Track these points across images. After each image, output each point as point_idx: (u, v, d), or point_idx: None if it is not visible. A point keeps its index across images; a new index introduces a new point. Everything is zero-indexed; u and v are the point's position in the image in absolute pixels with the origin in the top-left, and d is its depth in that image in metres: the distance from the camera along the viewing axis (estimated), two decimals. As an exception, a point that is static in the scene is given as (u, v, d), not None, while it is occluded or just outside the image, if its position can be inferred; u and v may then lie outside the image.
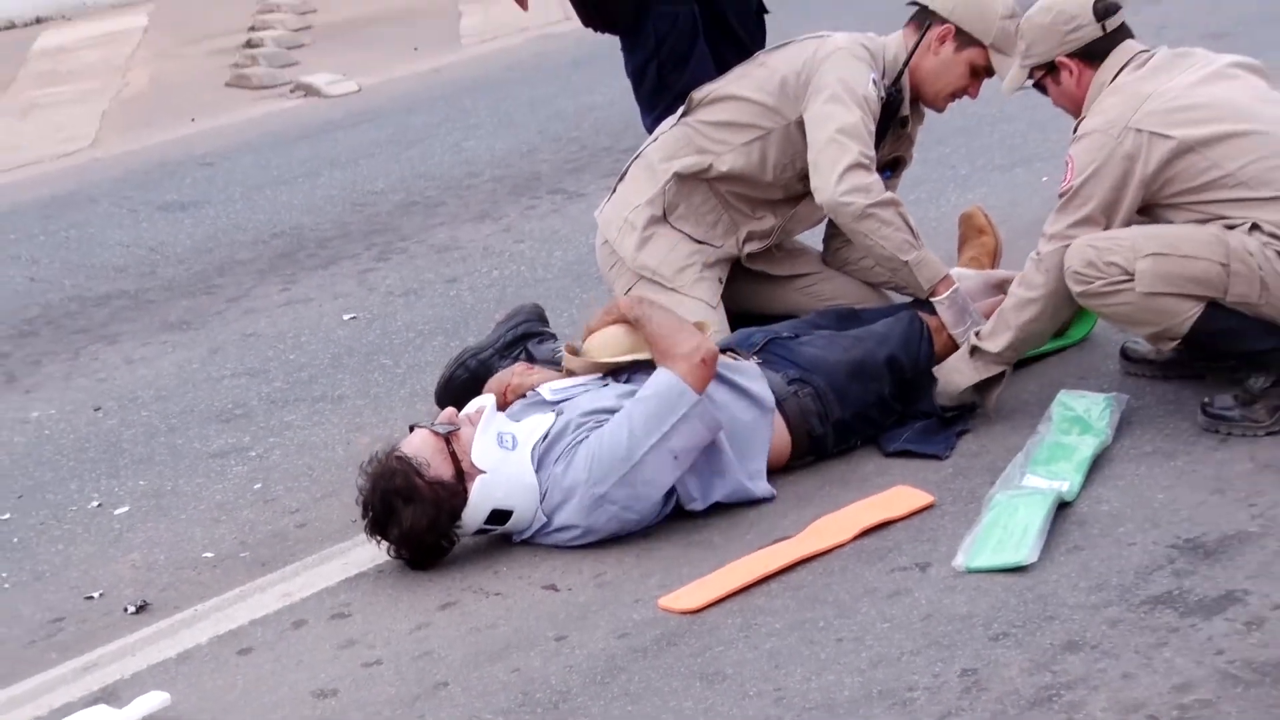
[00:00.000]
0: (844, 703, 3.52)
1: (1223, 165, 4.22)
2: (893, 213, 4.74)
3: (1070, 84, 4.46)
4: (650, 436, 4.12)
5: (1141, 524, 4.04)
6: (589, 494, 4.15)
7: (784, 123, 4.91)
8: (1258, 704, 3.34)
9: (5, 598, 4.39)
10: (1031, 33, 4.50)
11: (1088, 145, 4.28)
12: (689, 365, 4.16)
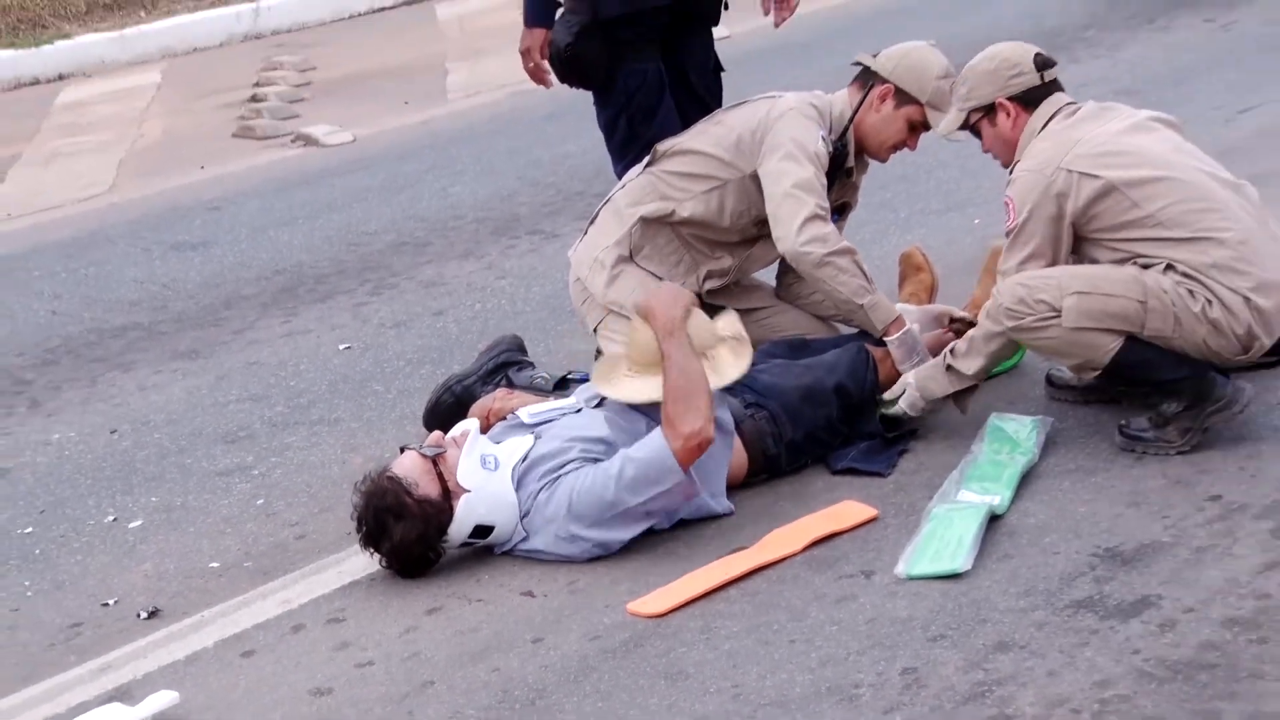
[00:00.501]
0: (796, 699, 3.53)
1: (1144, 206, 4.25)
2: (848, 260, 4.75)
3: (1006, 126, 4.47)
4: (633, 497, 4.11)
5: (1065, 535, 4.06)
6: (565, 529, 4.14)
7: (739, 175, 4.92)
8: (1171, 699, 3.36)
9: (28, 604, 4.37)
10: (975, 77, 4.52)
11: (1023, 185, 4.30)
12: (684, 446, 4.10)
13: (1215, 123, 6.89)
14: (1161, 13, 8.91)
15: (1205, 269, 4.23)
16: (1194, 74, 7.75)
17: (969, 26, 8.32)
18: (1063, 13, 8.96)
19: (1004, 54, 4.53)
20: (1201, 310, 4.22)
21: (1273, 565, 3.80)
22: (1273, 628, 3.56)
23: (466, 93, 9.02)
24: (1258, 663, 3.45)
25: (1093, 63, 7.94)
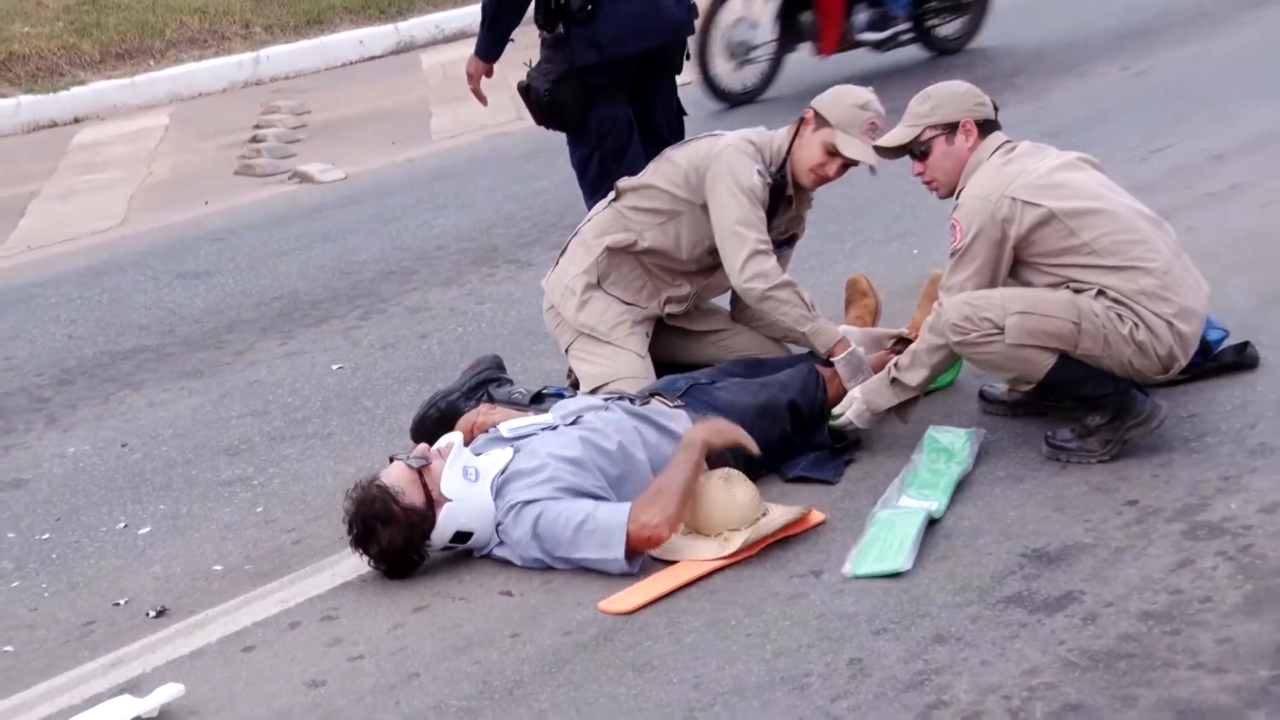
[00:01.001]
0: (751, 688, 3.53)
1: (1080, 235, 4.28)
2: (789, 293, 4.77)
3: (963, 146, 4.45)
4: (580, 552, 4.08)
5: (996, 536, 4.07)
6: (530, 550, 4.14)
7: (690, 207, 4.92)
8: (1092, 685, 3.38)
9: (45, 604, 4.34)
10: (942, 97, 4.52)
11: (970, 209, 4.31)
12: (637, 533, 4.05)
13: (1130, 162, 6.94)
14: (1081, 62, 8.97)
15: (1134, 295, 4.26)
16: (1111, 117, 7.80)
17: (900, 81, 8.35)
18: (992, 63, 9.01)
19: (967, 86, 4.56)
20: (1129, 333, 4.25)
21: (1184, 563, 3.82)
22: (1185, 620, 3.58)
23: (449, 134, 9.02)
24: (1171, 652, 3.47)
25: (1020, 106, 7.98)
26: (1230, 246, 5.77)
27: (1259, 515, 4.00)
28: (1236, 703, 3.27)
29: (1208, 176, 6.68)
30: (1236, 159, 6.87)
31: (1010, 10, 10.70)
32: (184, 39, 11.04)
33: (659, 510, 4.08)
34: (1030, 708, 3.33)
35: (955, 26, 9.71)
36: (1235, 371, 4.79)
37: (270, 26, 11.36)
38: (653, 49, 5.40)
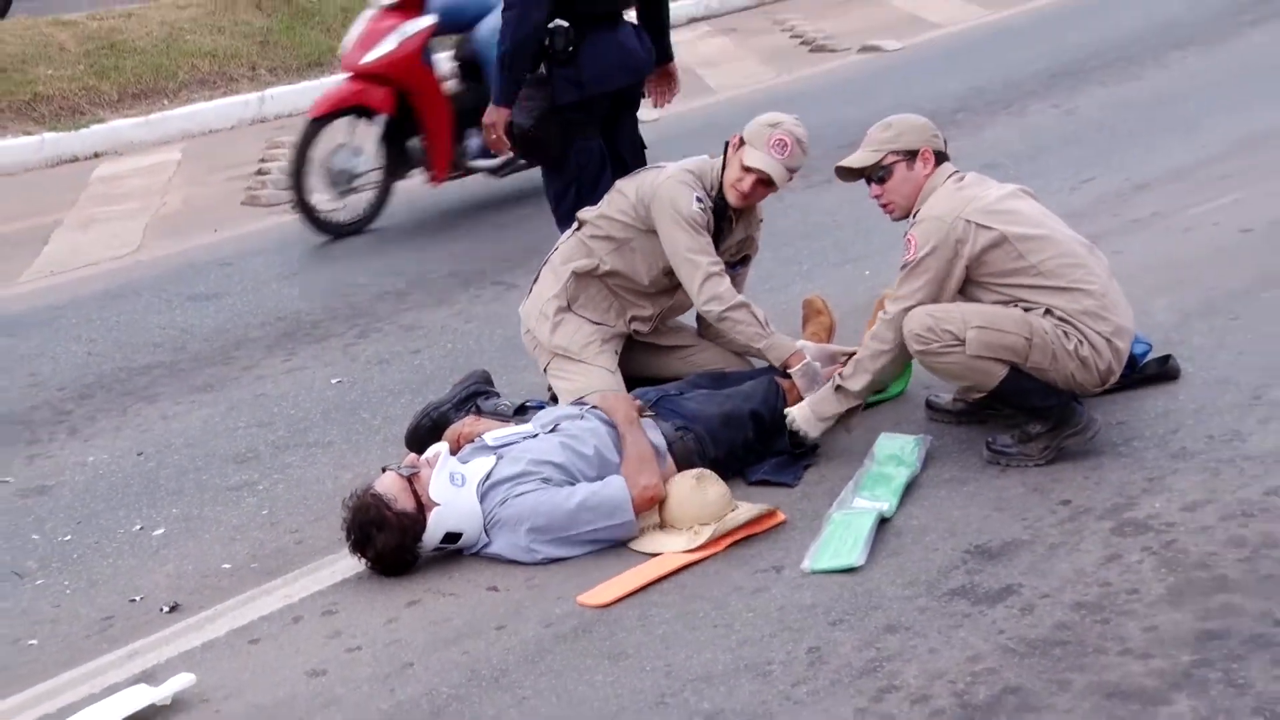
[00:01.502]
0: (718, 675, 3.53)
1: (1028, 258, 4.30)
2: (744, 313, 4.77)
3: (920, 172, 4.45)
4: (587, 525, 4.15)
5: (942, 534, 4.08)
6: (524, 540, 4.15)
7: (640, 234, 4.92)
8: (1030, 670, 3.39)
9: (67, 601, 4.32)
10: (904, 127, 4.50)
11: (927, 228, 4.30)
12: (641, 495, 4.20)
13: (1062, 191, 6.97)
14: (1016, 100, 9.01)
15: (1077, 315, 4.30)
16: (1044, 150, 7.83)
17: (855, 112, 8.37)
18: (936, 98, 9.03)
19: (924, 119, 4.56)
20: (1074, 349, 4.28)
21: (1113, 558, 3.83)
22: (1113, 610, 3.60)
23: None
24: (1101, 640, 3.48)
25: (962, 140, 7.99)
26: (1153, 268, 5.79)
27: (1180, 513, 4.01)
28: (1161, 685, 3.28)
29: (1132, 205, 6.71)
30: (1158, 189, 6.90)
31: (951, 53, 10.76)
32: (195, 80, 11.01)
33: (650, 473, 4.24)
34: (973, 691, 3.34)
35: None
36: (1159, 382, 4.81)
37: (274, 69, 11.34)
38: (624, 87, 5.42)
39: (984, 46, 10.87)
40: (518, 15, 5.18)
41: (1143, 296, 5.35)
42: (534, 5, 5.17)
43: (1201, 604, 3.58)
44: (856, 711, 3.32)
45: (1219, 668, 3.31)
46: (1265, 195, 6.54)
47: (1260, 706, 3.16)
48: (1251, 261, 5.80)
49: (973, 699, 3.31)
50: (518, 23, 5.19)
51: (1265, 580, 3.65)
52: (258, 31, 11.67)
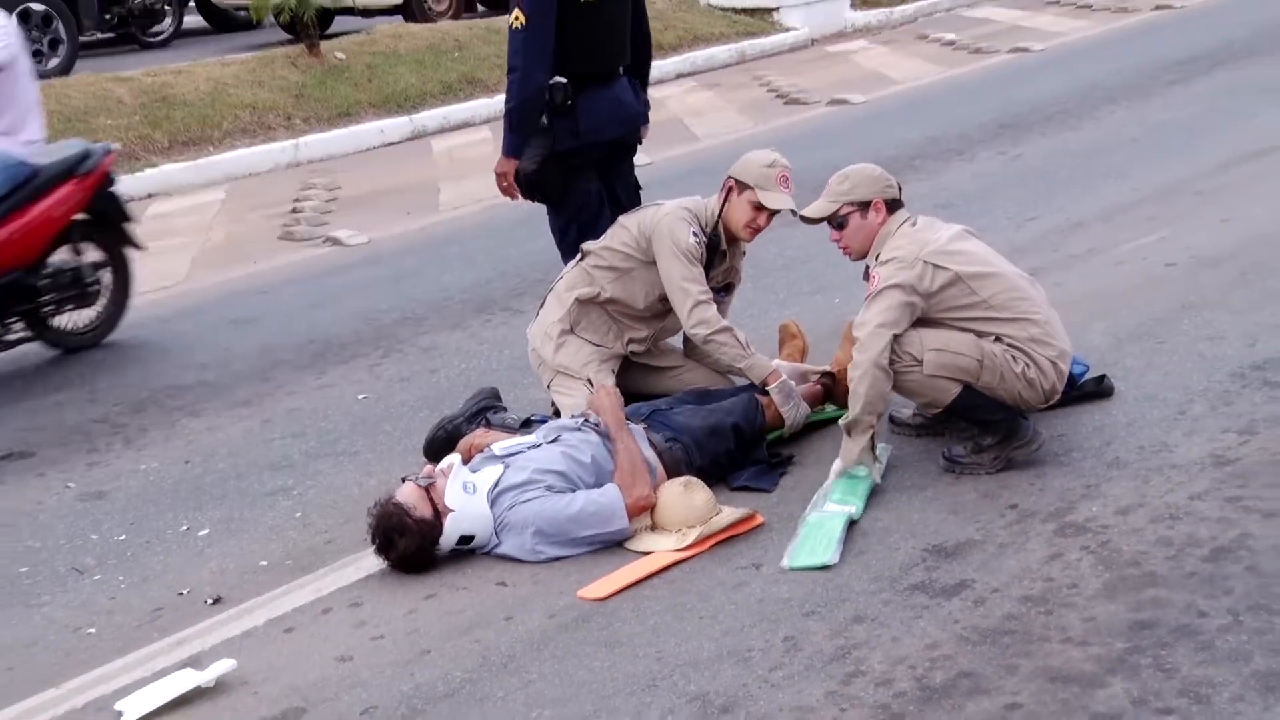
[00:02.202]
0: (704, 660, 3.52)
1: (979, 294, 4.30)
2: (727, 336, 4.78)
3: (873, 221, 4.43)
4: (586, 530, 4.14)
5: (904, 535, 4.08)
6: (530, 543, 4.14)
7: (641, 264, 4.93)
8: (982, 657, 3.39)
9: (122, 594, 4.31)
10: (859, 178, 4.47)
11: (892, 267, 4.27)
12: (635, 503, 4.18)
13: (1009, 229, 6.99)
14: (967, 148, 9.03)
15: (1026, 341, 4.31)
16: (992, 192, 7.85)
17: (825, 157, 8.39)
18: (896, 146, 9.07)
19: (879, 170, 4.54)
20: (1021, 371, 4.30)
21: (1055, 556, 3.84)
22: (1056, 603, 3.60)
23: (454, 206, 9.02)
24: (1045, 629, 3.48)
25: (920, 183, 8.02)
26: (1089, 298, 5.80)
27: (1115, 516, 4.02)
28: (1098, 670, 3.28)
29: (1070, 241, 6.72)
30: (1093, 227, 6.92)
31: (910, 106, 10.79)
32: (237, 129, 11.02)
33: (642, 483, 4.21)
34: (931, 675, 3.33)
35: (87, 317, 6.71)
36: (1095, 399, 4.82)
37: (308, 118, 11.35)
38: (618, 137, 5.42)
39: (939, 101, 10.91)
40: (521, 76, 5.17)
41: (1080, 323, 5.37)
42: (536, 67, 5.16)
43: (1133, 597, 3.58)
44: (827, 694, 3.31)
45: (1149, 654, 3.32)
46: (1185, 233, 6.57)
47: (1185, 689, 3.17)
48: (1175, 292, 5.81)
49: (930, 682, 3.31)
50: (521, 83, 5.18)
51: (1190, 576, 3.65)
52: (293, 86, 11.68)
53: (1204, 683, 3.18)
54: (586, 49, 5.22)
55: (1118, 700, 3.16)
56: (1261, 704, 3.09)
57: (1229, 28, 12.08)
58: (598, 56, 5.28)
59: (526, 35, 5.13)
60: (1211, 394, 4.77)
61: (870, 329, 4.25)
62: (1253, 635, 3.35)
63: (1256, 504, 4.00)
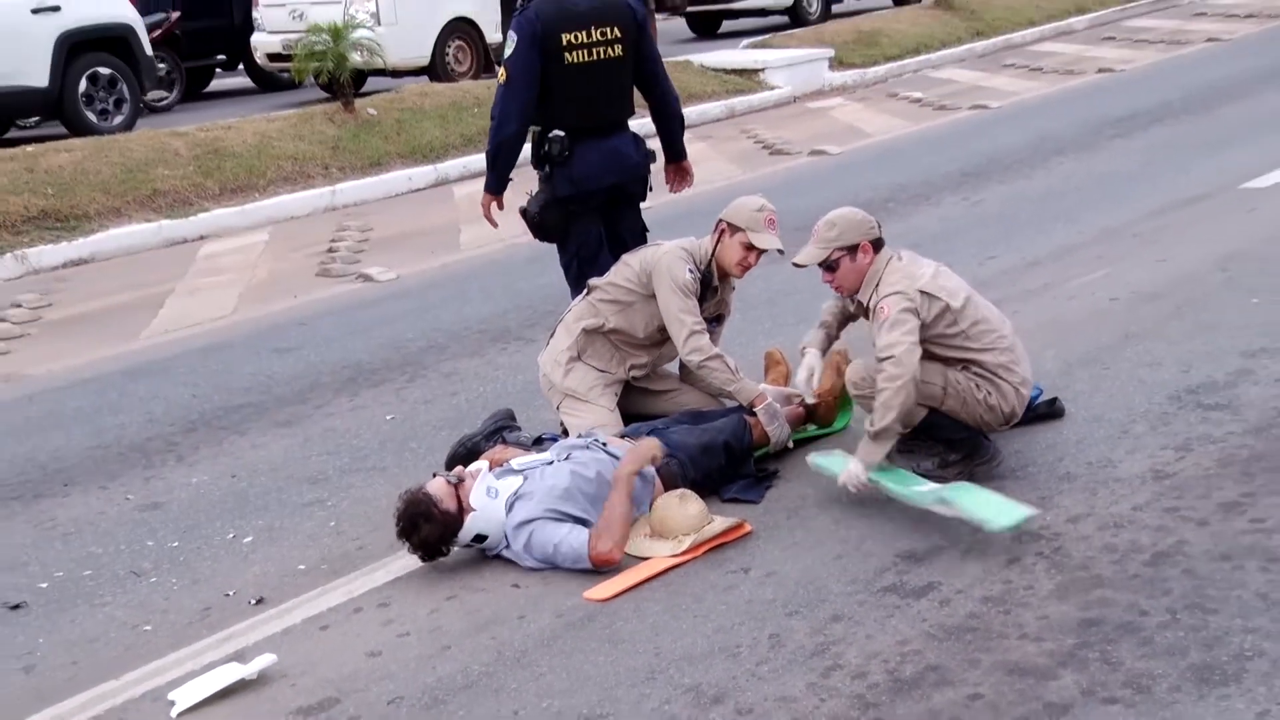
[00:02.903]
0: (697, 656, 3.52)
1: (960, 324, 4.31)
2: (719, 363, 4.79)
3: (863, 261, 4.39)
4: (560, 560, 4.07)
5: (878, 542, 4.08)
6: (525, 557, 4.14)
7: (642, 298, 4.95)
8: (948, 652, 3.38)
9: (175, 595, 4.30)
10: (845, 224, 4.42)
11: (895, 299, 4.24)
12: (595, 556, 4.05)
13: (971, 266, 6.99)
14: (933, 194, 9.05)
15: (996, 368, 4.33)
16: (956, 234, 7.86)
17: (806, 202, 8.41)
18: (870, 191, 9.09)
19: (861, 213, 4.50)
20: (984, 397, 4.31)
21: (1012, 561, 3.83)
22: (1013, 603, 3.59)
23: (474, 246, 9.03)
24: (1004, 627, 3.48)
25: (892, 225, 7.97)
26: (1043, 328, 5.81)
27: (1066, 525, 4.02)
28: (1050, 663, 3.28)
29: (1026, 277, 6.73)
30: (1047, 265, 6.94)
31: (881, 156, 10.82)
32: (280, 177, 11.04)
33: (608, 539, 4.07)
34: (902, 669, 3.33)
35: None
36: (1047, 420, 4.82)
37: (343, 168, 11.37)
38: (615, 184, 5.42)
39: (907, 152, 10.94)
40: (497, 126, 5.28)
41: (1035, 350, 5.35)
42: (510, 119, 5.23)
43: (1082, 598, 3.58)
44: (808, 685, 3.31)
45: (1096, 649, 3.31)
46: (1127, 271, 6.58)
47: (1129, 681, 3.17)
48: (1118, 323, 5.82)
49: (901, 675, 3.30)
50: (496, 131, 5.28)
51: (1133, 578, 3.65)
52: (330, 139, 11.72)
53: (1145, 675, 3.18)
54: (577, 106, 5.24)
55: (1068, 691, 3.16)
56: (1196, 694, 3.09)
57: (1164, 90, 12.13)
58: (589, 113, 5.28)
59: (505, 91, 5.21)
60: (1151, 415, 4.77)
61: (905, 347, 4.15)
62: (1189, 632, 3.35)
63: (1191, 514, 4.00)
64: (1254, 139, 9.42)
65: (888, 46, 15.91)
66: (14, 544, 4.82)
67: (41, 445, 5.82)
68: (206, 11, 16.06)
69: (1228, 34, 15.54)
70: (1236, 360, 5.21)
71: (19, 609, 4.29)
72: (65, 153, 10.69)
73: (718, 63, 14.96)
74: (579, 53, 5.19)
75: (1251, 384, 4.96)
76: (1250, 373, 5.07)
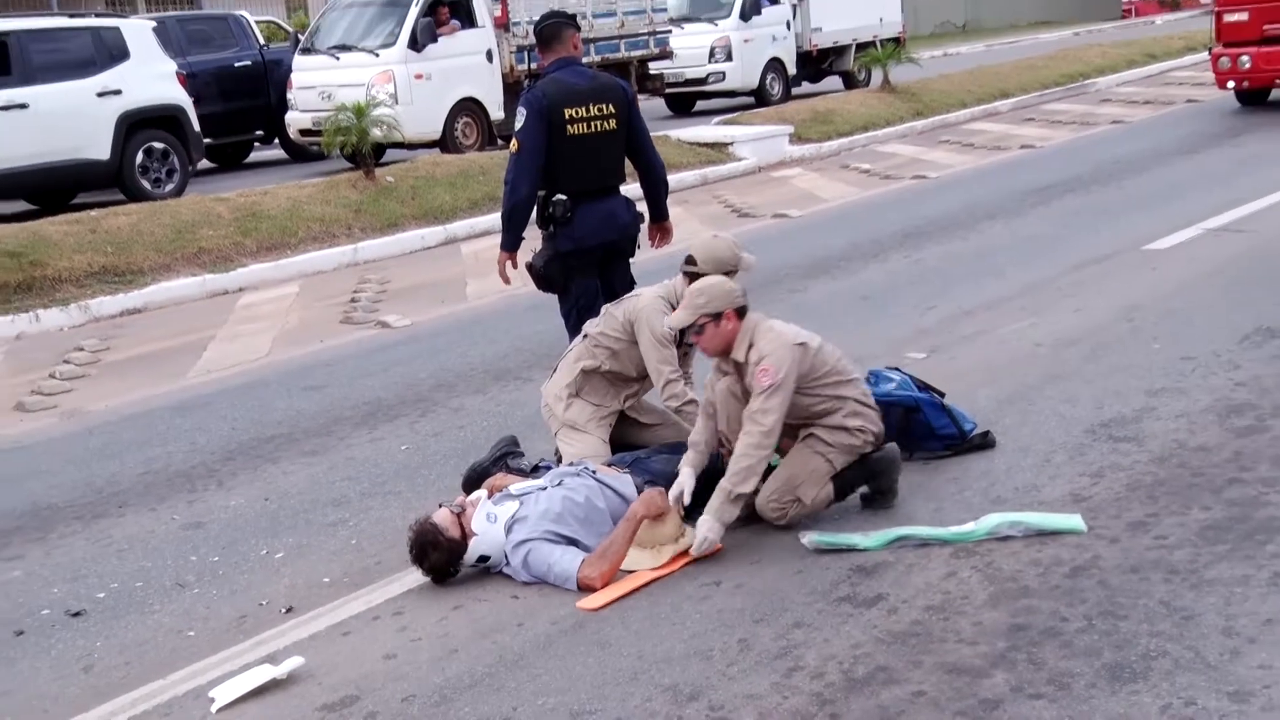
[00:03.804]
0: (675, 658, 3.51)
1: (828, 363, 4.29)
2: (692, 406, 4.78)
3: (727, 328, 4.26)
4: (552, 579, 4.04)
5: (834, 558, 4.07)
6: (521, 573, 4.12)
7: (627, 344, 4.92)
8: (896, 654, 3.38)
9: (214, 604, 4.27)
10: (714, 294, 4.29)
11: (778, 358, 4.14)
12: (583, 579, 3.99)
13: (914, 315, 7.03)
14: (881, 252, 9.09)
15: (860, 397, 4.31)
16: (901, 287, 7.90)
17: (769, 259, 8.45)
18: (825, 250, 9.13)
19: (729, 285, 4.34)
20: (861, 443, 4.29)
21: (951, 574, 3.84)
22: (951, 611, 3.60)
23: (479, 296, 9.05)
24: (944, 632, 3.48)
25: (842, 280, 8.08)
26: (977, 369, 5.84)
27: (997, 542, 4.02)
28: (984, 664, 3.28)
29: (962, 325, 6.77)
30: (979, 314, 6.97)
31: (836, 219, 10.89)
32: (309, 237, 11.04)
33: (597, 568, 4.01)
34: (855, 669, 3.32)
35: None
36: (981, 450, 4.83)
37: (364, 228, 11.38)
38: (610, 242, 5.45)
39: (857, 215, 11.01)
40: (511, 189, 5.29)
41: (969, 389, 5.40)
42: (522, 183, 5.24)
43: (1011, 606, 3.58)
44: (772, 684, 3.30)
45: (1024, 651, 3.32)
46: (1049, 320, 6.63)
47: (1052, 679, 3.17)
48: (1043, 366, 5.85)
49: (854, 674, 3.30)
50: (511, 194, 5.29)
51: (1054, 589, 3.66)
52: (353, 203, 11.74)
53: (1066, 673, 3.19)
54: (578, 171, 5.28)
55: (1000, 688, 3.16)
56: (1109, 690, 3.10)
57: (1076, 164, 12.27)
58: (588, 178, 5.33)
59: (517, 159, 5.23)
60: (1069, 446, 4.80)
61: (776, 417, 4.08)
62: (1102, 635, 3.36)
63: (1105, 532, 4.02)
64: (1153, 207, 9.53)
65: (840, 124, 16.04)
66: (75, 559, 4.78)
67: (99, 472, 5.79)
68: (247, 94, 16.17)
69: (1129, 117, 15.74)
70: (1142, 398, 5.24)
71: (79, 616, 4.26)
72: (123, 216, 10.71)
73: (692, 137, 15.07)
74: (579, 125, 5.23)
75: (1155, 419, 5.00)
76: (1154, 409, 5.11)
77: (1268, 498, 4.15)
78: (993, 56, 25.41)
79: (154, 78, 13.00)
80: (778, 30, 19.90)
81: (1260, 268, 7.30)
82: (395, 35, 14.61)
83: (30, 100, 11.99)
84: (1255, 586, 3.56)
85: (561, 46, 5.39)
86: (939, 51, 28.96)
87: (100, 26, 12.94)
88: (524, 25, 15.31)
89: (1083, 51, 22.76)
